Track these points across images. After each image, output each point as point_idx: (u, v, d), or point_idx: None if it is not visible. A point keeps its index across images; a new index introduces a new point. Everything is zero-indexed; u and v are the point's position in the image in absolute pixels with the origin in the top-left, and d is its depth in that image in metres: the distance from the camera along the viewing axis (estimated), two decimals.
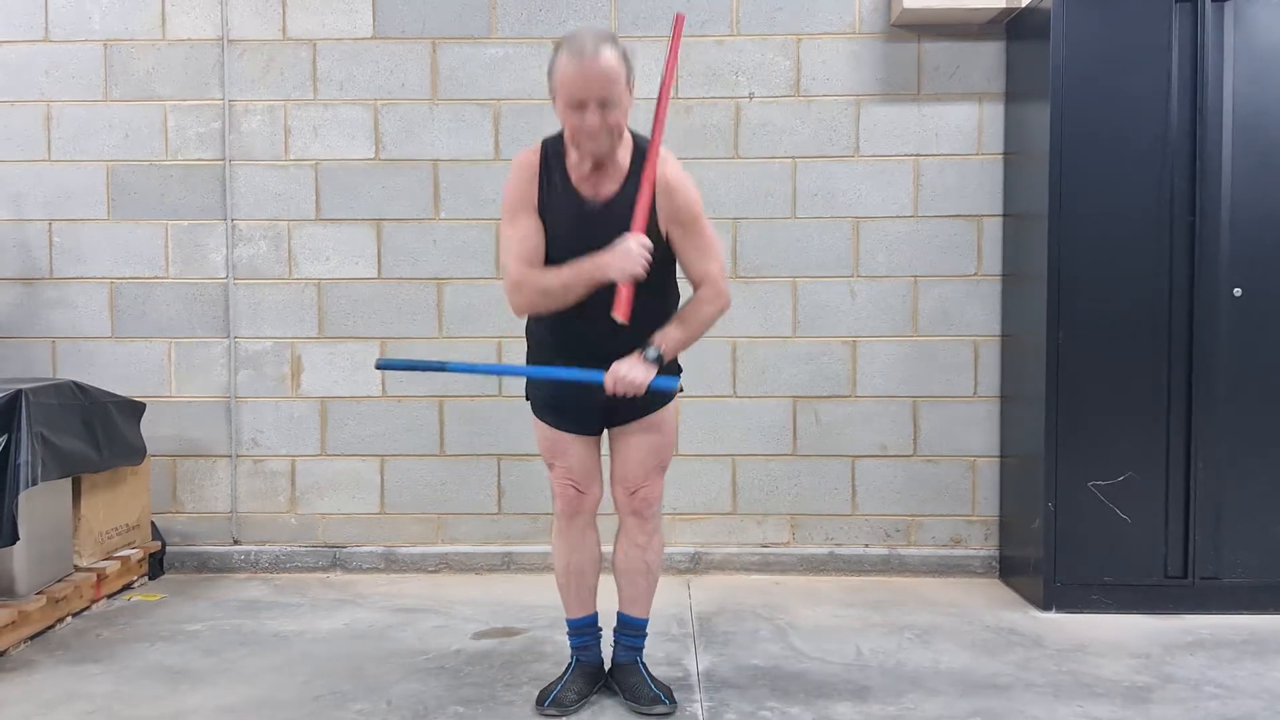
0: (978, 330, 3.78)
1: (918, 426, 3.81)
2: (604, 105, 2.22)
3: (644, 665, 2.61)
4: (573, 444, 2.54)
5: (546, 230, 2.38)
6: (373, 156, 3.83)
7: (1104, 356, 3.29)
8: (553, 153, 2.40)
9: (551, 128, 3.76)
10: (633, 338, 2.34)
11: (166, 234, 3.86)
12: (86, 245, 3.86)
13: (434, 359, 3.07)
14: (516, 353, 3.83)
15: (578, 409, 2.51)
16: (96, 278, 3.87)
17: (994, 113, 3.74)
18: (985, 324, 3.78)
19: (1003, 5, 3.52)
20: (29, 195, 3.85)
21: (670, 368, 2.47)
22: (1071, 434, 3.30)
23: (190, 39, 3.82)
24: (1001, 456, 3.78)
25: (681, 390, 2.54)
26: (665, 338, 2.36)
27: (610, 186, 2.36)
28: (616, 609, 2.64)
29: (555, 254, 2.36)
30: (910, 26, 3.72)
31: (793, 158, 3.74)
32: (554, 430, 2.55)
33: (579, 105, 2.22)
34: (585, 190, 2.36)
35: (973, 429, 3.80)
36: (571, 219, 2.36)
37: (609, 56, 2.21)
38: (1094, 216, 3.27)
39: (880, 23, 3.75)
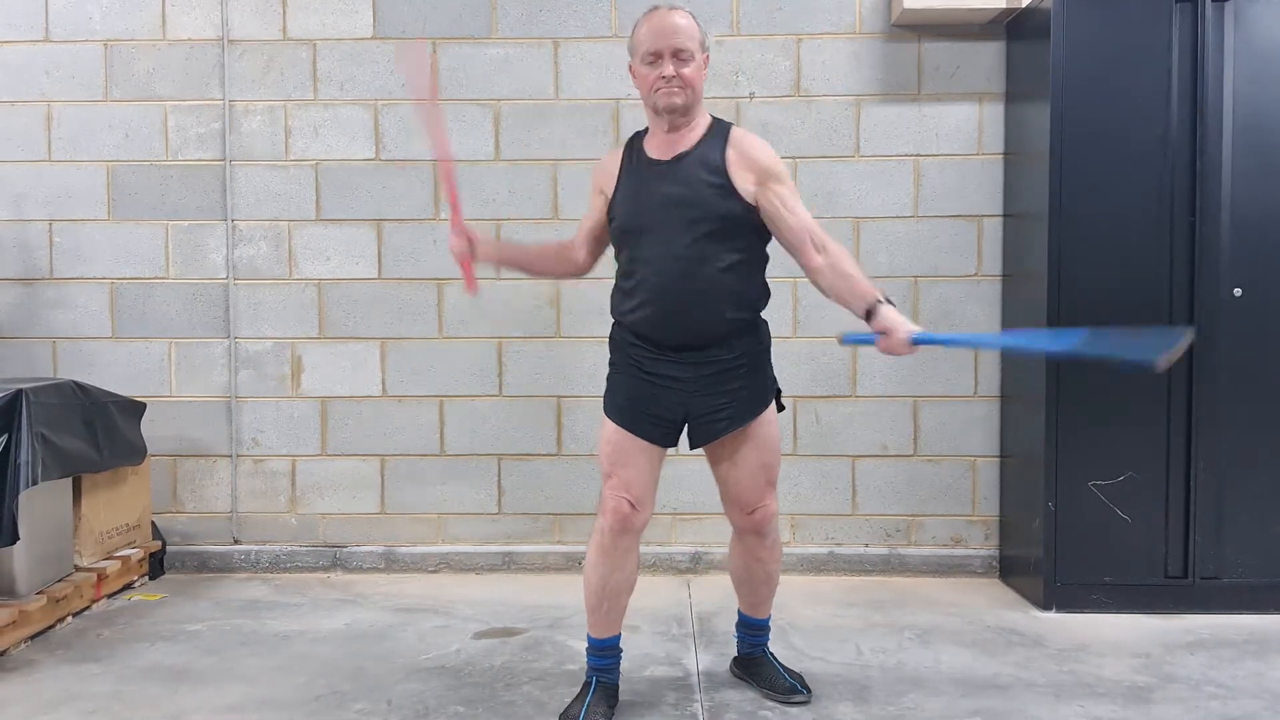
0: (977, 330, 3.78)
1: (918, 426, 3.81)
2: (678, 57, 2.32)
3: (772, 655, 2.68)
4: (639, 455, 2.43)
5: (617, 198, 2.46)
6: (373, 157, 3.83)
7: None
8: (637, 136, 2.52)
9: (553, 129, 3.79)
10: (711, 322, 2.38)
11: (167, 234, 3.86)
12: (87, 245, 3.86)
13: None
14: (516, 354, 3.84)
15: (657, 413, 2.43)
16: (97, 278, 3.87)
17: (994, 113, 3.74)
18: (985, 324, 3.78)
19: (1003, 5, 3.52)
20: (29, 195, 3.85)
21: (765, 388, 2.49)
22: (1071, 434, 3.30)
23: (190, 39, 3.82)
24: (1001, 456, 3.78)
25: (782, 409, 2.56)
26: (869, 286, 2.33)
27: (678, 149, 2.41)
28: (736, 607, 2.69)
29: (622, 219, 2.44)
30: (910, 26, 3.72)
31: (793, 158, 3.74)
32: (624, 434, 2.44)
33: (655, 57, 2.33)
34: (655, 153, 2.44)
35: (973, 429, 3.80)
36: (638, 181, 2.43)
37: (684, 14, 2.36)
38: (1094, 216, 3.27)
39: (880, 23, 3.75)
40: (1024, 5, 3.51)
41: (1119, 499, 3.30)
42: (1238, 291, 3.27)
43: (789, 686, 2.58)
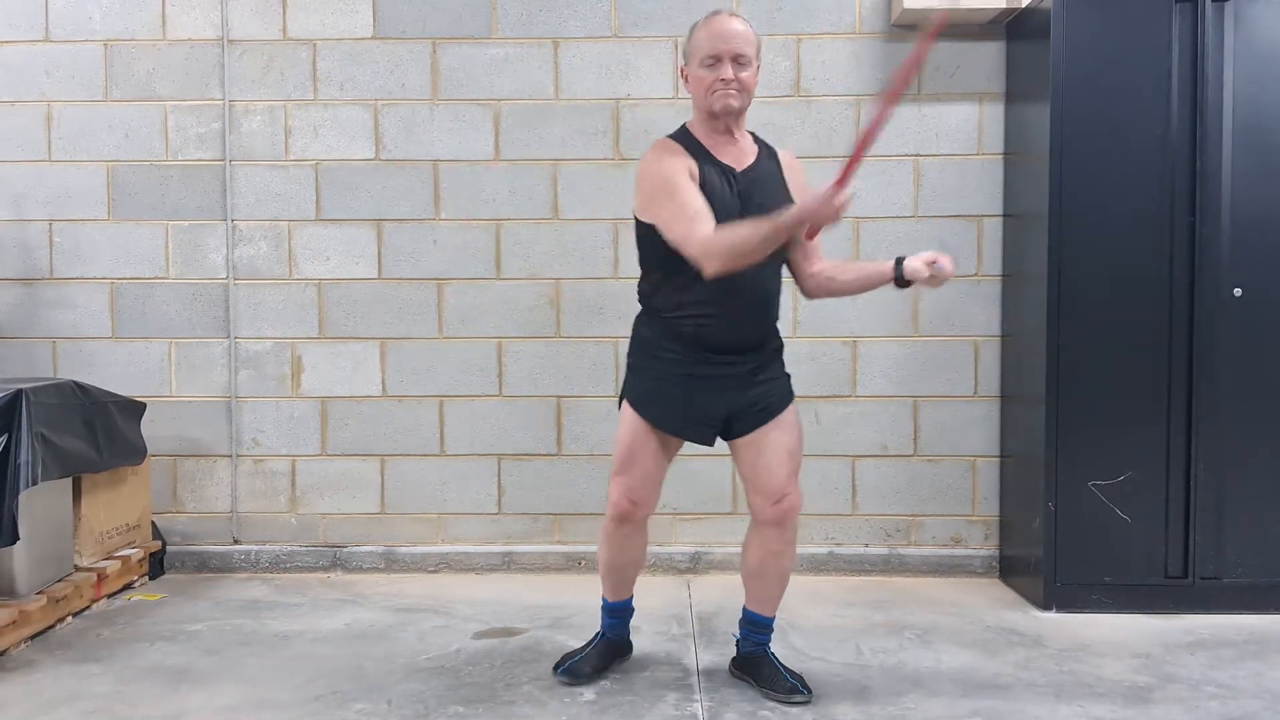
0: (978, 330, 3.79)
1: (918, 426, 3.81)
2: (737, 61, 2.38)
3: (773, 656, 2.69)
4: (650, 459, 2.53)
5: (704, 192, 2.41)
6: (373, 157, 3.83)
7: (1104, 356, 3.29)
8: (684, 138, 2.50)
9: (553, 129, 3.79)
10: (764, 325, 2.52)
11: (167, 234, 3.86)
12: (87, 245, 3.86)
13: None
14: (516, 353, 3.84)
15: (698, 414, 2.50)
16: (97, 278, 3.87)
17: (994, 113, 3.74)
18: (985, 324, 3.78)
19: (1003, 5, 3.52)
20: (29, 195, 3.85)
21: (788, 378, 2.60)
22: (1071, 434, 3.30)
23: (190, 39, 3.82)
24: (1001, 456, 3.78)
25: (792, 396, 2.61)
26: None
27: (745, 157, 2.49)
28: (741, 605, 2.70)
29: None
30: (910, 26, 3.72)
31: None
32: (642, 435, 2.51)
33: (715, 59, 2.38)
34: (724, 158, 2.47)
35: (973, 429, 3.80)
36: (721, 186, 2.43)
37: (743, 21, 2.42)
38: (1094, 216, 3.27)
39: (880, 23, 3.75)
40: (1024, 5, 3.51)
41: (1119, 499, 3.30)
42: (1238, 291, 3.27)
43: (790, 686, 2.58)
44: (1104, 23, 3.26)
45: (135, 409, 3.64)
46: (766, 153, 2.54)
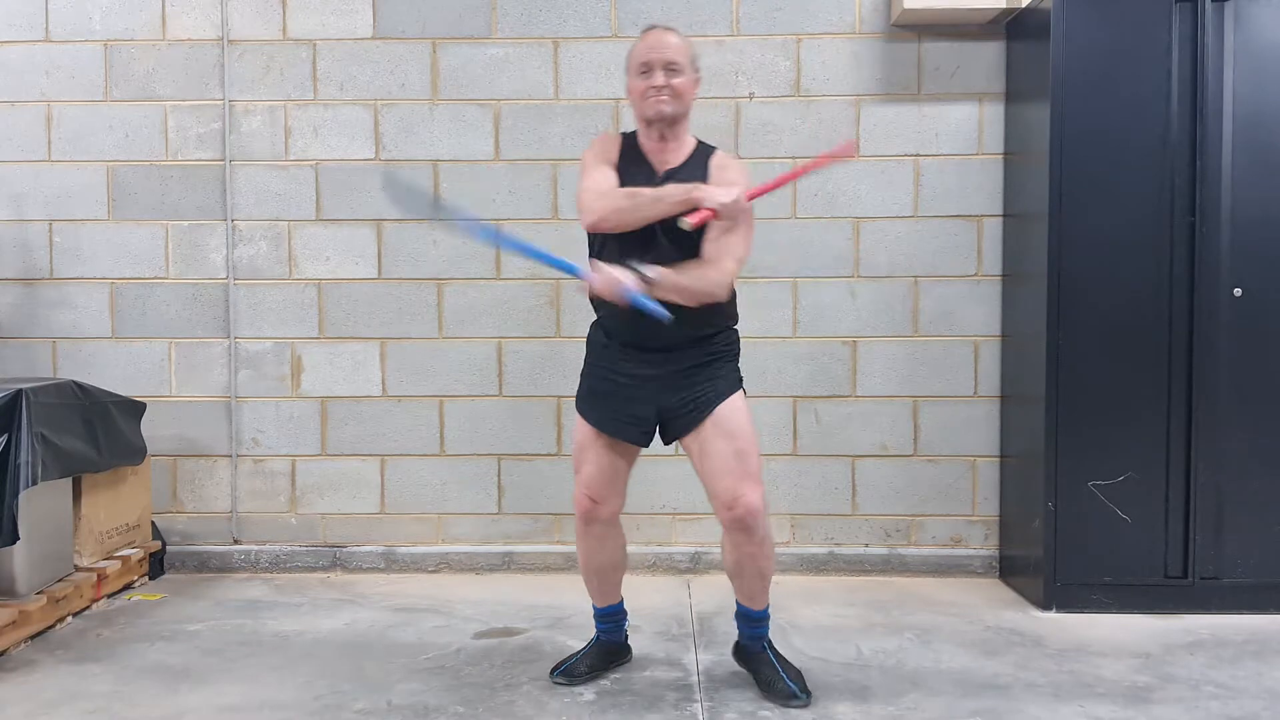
0: (978, 330, 3.79)
1: (918, 426, 3.81)
2: (668, 69, 2.48)
3: (773, 655, 2.66)
4: (602, 454, 2.57)
5: None
6: (373, 157, 3.83)
7: (1104, 356, 3.29)
8: (625, 137, 2.62)
9: (553, 129, 3.79)
10: (691, 329, 2.48)
11: (167, 234, 3.86)
12: (87, 245, 3.86)
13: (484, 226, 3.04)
14: (516, 354, 3.84)
15: (629, 413, 2.55)
16: (97, 278, 3.87)
17: (994, 113, 3.74)
18: (985, 324, 3.78)
19: (1003, 5, 3.52)
20: (29, 195, 3.85)
21: (734, 378, 2.58)
22: (1071, 434, 3.30)
23: (190, 39, 3.82)
24: (1001, 456, 3.78)
25: (745, 393, 2.60)
26: (662, 271, 2.39)
27: (673, 162, 2.55)
28: (735, 598, 2.69)
29: (629, 245, 2.48)
30: (910, 26, 3.72)
31: (793, 158, 3.74)
32: (589, 433, 2.59)
33: (646, 68, 2.49)
34: (654, 160, 2.55)
35: (973, 429, 3.80)
36: (642, 184, 2.49)
37: (675, 34, 2.54)
38: (1094, 216, 3.27)
39: (880, 23, 3.75)
40: (1024, 5, 3.51)
41: (1119, 499, 3.30)
42: (1238, 291, 3.27)
43: (788, 692, 2.56)
44: (1104, 23, 3.26)
45: (135, 409, 3.64)
46: (700, 157, 2.57)
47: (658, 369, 2.53)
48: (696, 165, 2.55)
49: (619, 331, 2.56)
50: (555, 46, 3.78)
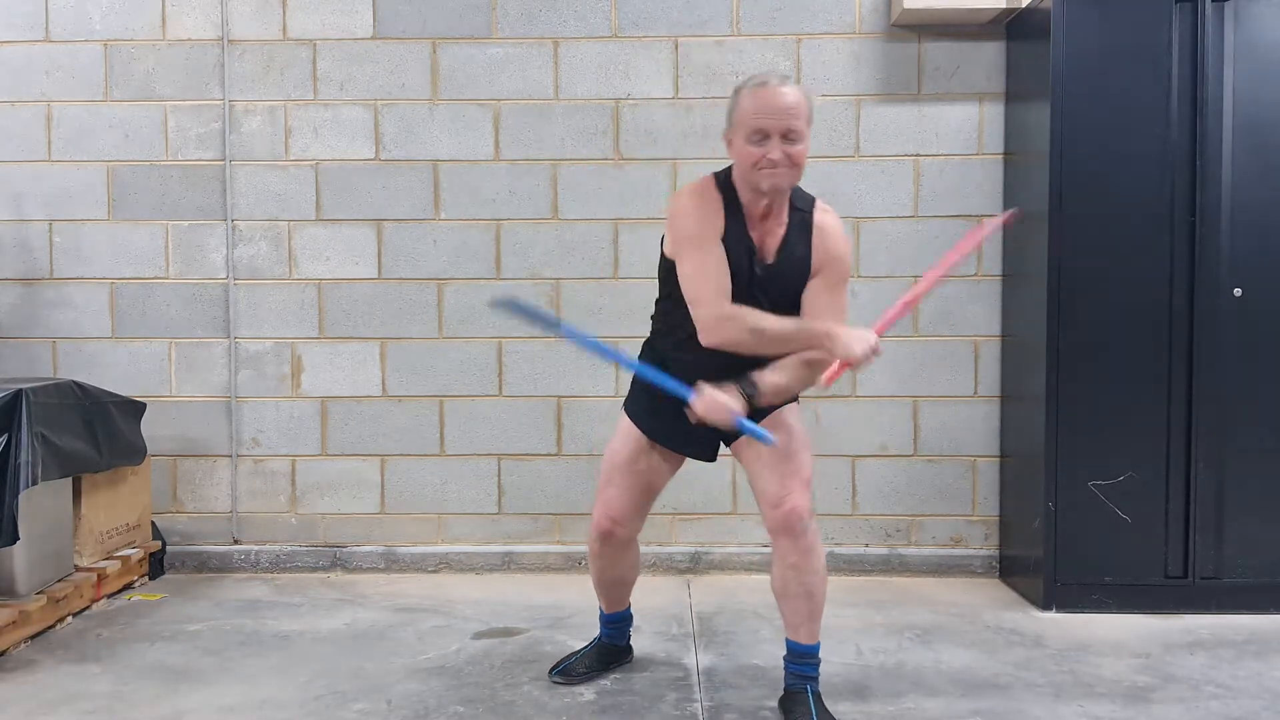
0: (978, 330, 3.79)
1: (918, 426, 3.81)
2: (787, 137, 2.21)
3: (813, 697, 2.45)
4: (635, 475, 2.46)
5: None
6: (373, 157, 3.83)
7: (1104, 356, 3.29)
8: (726, 187, 2.35)
9: (553, 129, 3.79)
10: (752, 364, 2.30)
11: (167, 234, 3.86)
12: (87, 245, 3.86)
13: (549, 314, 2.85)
14: (516, 354, 3.84)
15: (698, 431, 2.36)
16: (97, 278, 3.87)
17: (994, 113, 3.74)
18: (985, 324, 3.78)
19: (1003, 5, 3.52)
20: (29, 195, 3.85)
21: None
22: (1071, 434, 3.30)
23: (190, 39, 3.82)
24: (1001, 456, 3.78)
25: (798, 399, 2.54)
26: (764, 379, 2.25)
27: (774, 241, 2.35)
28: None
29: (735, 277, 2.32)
30: (910, 26, 3.72)
31: None
32: (643, 449, 2.44)
33: (763, 135, 2.21)
34: (755, 237, 2.34)
35: (973, 429, 3.80)
36: (738, 259, 2.31)
37: (795, 90, 2.24)
38: (1094, 216, 3.28)
39: (880, 23, 3.75)
40: (1024, 5, 3.51)
41: (1119, 499, 3.30)
42: (1238, 291, 3.27)
43: None
44: (1104, 23, 3.26)
45: (135, 409, 3.64)
46: (799, 227, 2.35)
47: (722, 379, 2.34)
48: (798, 239, 2.34)
49: (687, 363, 2.37)
50: (555, 46, 3.78)
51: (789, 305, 2.34)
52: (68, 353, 3.88)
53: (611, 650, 2.79)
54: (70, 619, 3.27)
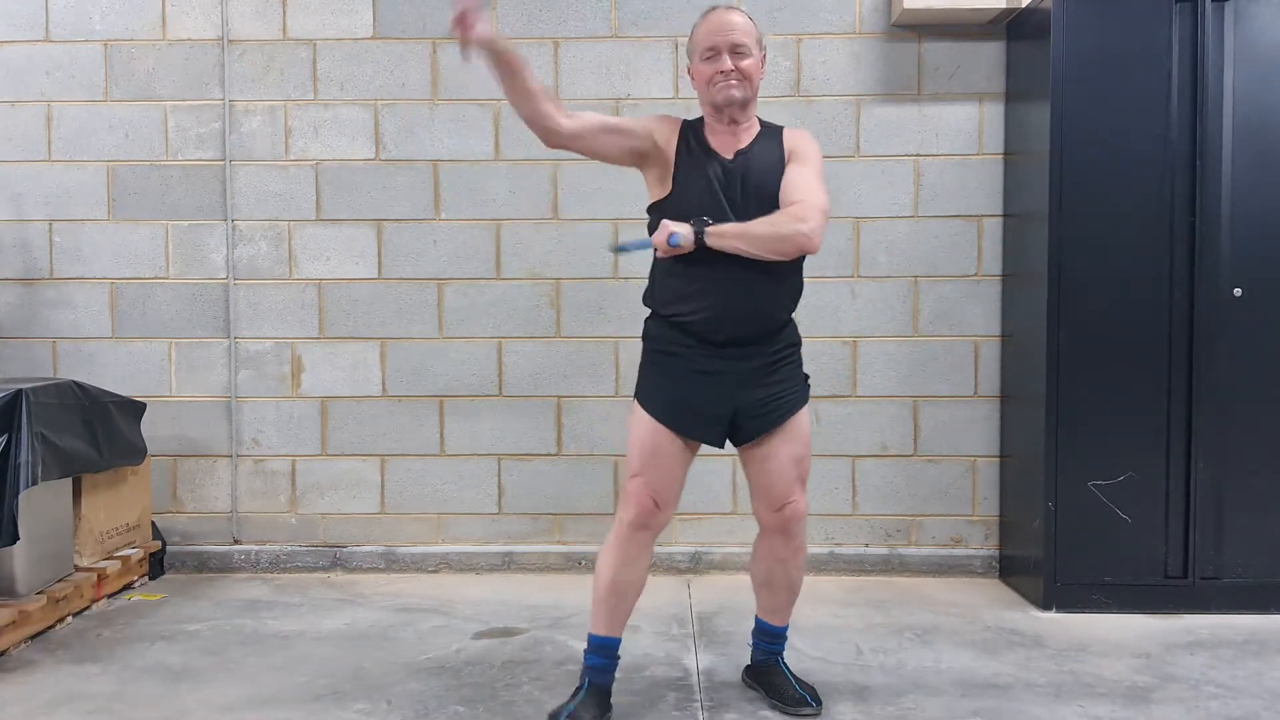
0: (978, 330, 3.79)
1: (918, 426, 3.81)
2: (735, 52, 2.39)
3: (785, 665, 2.63)
4: (671, 458, 2.42)
5: (679, 190, 2.42)
6: (373, 156, 3.83)
7: (1104, 356, 3.29)
8: (690, 125, 2.49)
9: None
10: (770, 313, 2.42)
11: (167, 234, 3.86)
12: (87, 245, 3.86)
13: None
14: (516, 354, 3.84)
15: (705, 411, 2.41)
16: (97, 278, 3.87)
17: (994, 113, 3.74)
18: (985, 324, 3.78)
19: (1003, 5, 3.52)
20: (29, 195, 3.85)
21: (805, 386, 2.51)
22: (1071, 434, 3.30)
23: (190, 39, 3.82)
24: (1001, 456, 3.78)
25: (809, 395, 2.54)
26: (725, 225, 2.31)
27: (740, 145, 2.45)
28: (754, 614, 2.65)
29: (693, 209, 2.37)
30: (911, 26, 3.72)
31: None
32: (659, 435, 2.40)
33: (714, 52, 2.39)
34: (719, 147, 2.44)
35: (973, 429, 3.80)
36: (705, 173, 2.41)
37: (740, 14, 2.45)
38: (1094, 216, 3.28)
39: (881, 23, 3.75)
40: (1024, 5, 3.51)
41: (1119, 499, 3.30)
42: (1238, 291, 3.27)
43: (797, 698, 2.54)
44: (1104, 23, 3.26)
45: (135, 409, 3.64)
46: (767, 140, 2.47)
47: (732, 365, 2.39)
48: (767, 143, 2.45)
49: (704, 330, 2.39)
50: (555, 46, 3.78)
51: (770, 200, 2.37)
52: (68, 353, 3.88)
53: (603, 694, 2.50)
54: (70, 619, 3.27)
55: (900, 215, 3.78)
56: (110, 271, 3.87)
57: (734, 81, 2.39)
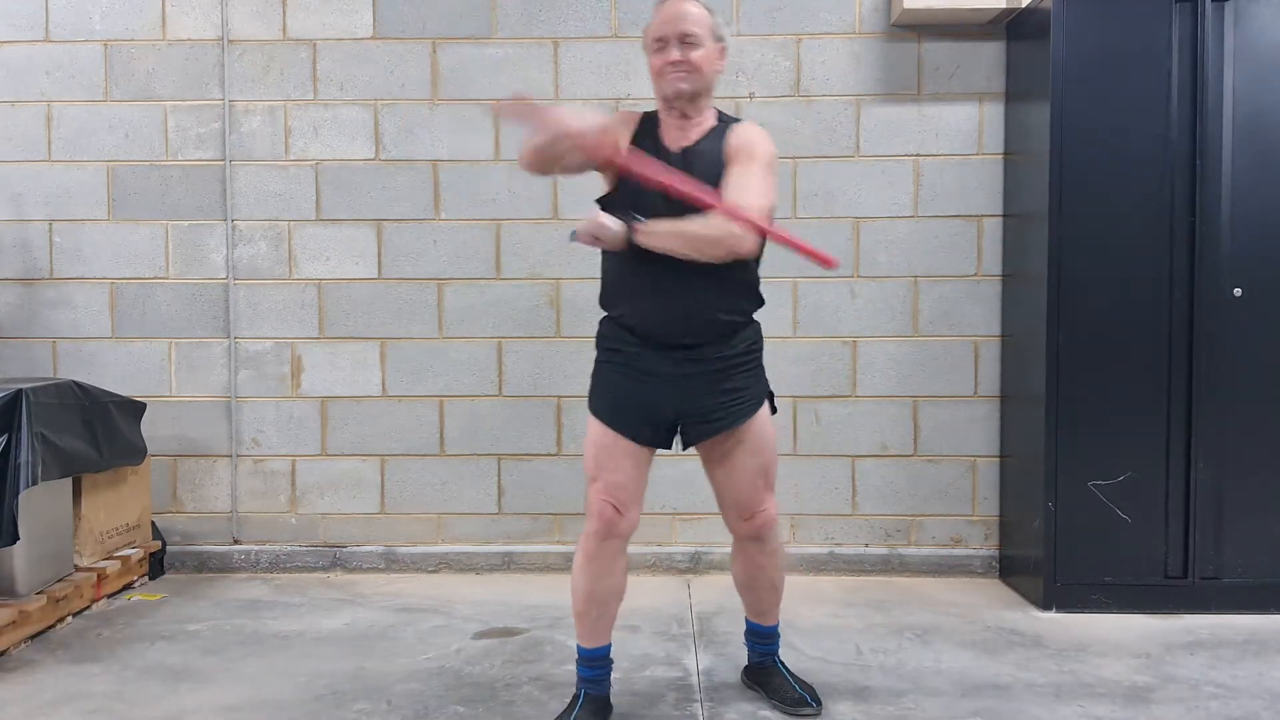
0: (978, 330, 3.79)
1: (918, 426, 3.81)
2: (685, 42, 2.32)
3: (783, 665, 2.63)
4: (625, 457, 2.37)
5: (623, 184, 2.36)
6: (373, 157, 3.83)
7: (1104, 356, 3.29)
8: (648, 118, 2.46)
9: None
10: (710, 316, 2.34)
11: (167, 234, 3.86)
12: (87, 245, 3.86)
13: None
14: (516, 354, 3.84)
15: (648, 413, 2.38)
16: (97, 278, 3.87)
17: (994, 113, 3.74)
18: (985, 324, 3.78)
19: (1003, 5, 3.52)
20: (29, 195, 3.85)
21: (762, 388, 2.45)
22: (1071, 434, 3.30)
23: (190, 39, 3.82)
24: (1001, 456, 3.78)
25: (775, 411, 2.49)
26: (651, 222, 2.25)
27: (688, 140, 2.38)
28: (744, 615, 2.66)
29: (626, 203, 2.33)
30: (910, 26, 3.72)
31: (793, 158, 3.74)
32: (610, 435, 2.37)
33: (662, 43, 2.34)
34: (668, 141, 2.39)
35: (973, 429, 3.80)
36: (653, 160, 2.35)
37: (693, 3, 2.35)
38: (1094, 216, 3.27)
39: (880, 23, 3.75)
40: (1024, 5, 3.51)
41: (1119, 499, 3.30)
42: (1238, 291, 3.27)
43: (797, 698, 2.53)
44: (1104, 23, 3.26)
45: (135, 409, 3.64)
46: (717, 133, 2.38)
47: (680, 369, 2.35)
48: (715, 140, 2.36)
49: (640, 328, 2.37)
50: (555, 46, 3.78)
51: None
52: (68, 353, 3.88)
53: (600, 703, 2.46)
54: (70, 619, 3.27)
55: (900, 215, 3.78)
56: (110, 271, 3.87)
57: (682, 73, 2.31)
